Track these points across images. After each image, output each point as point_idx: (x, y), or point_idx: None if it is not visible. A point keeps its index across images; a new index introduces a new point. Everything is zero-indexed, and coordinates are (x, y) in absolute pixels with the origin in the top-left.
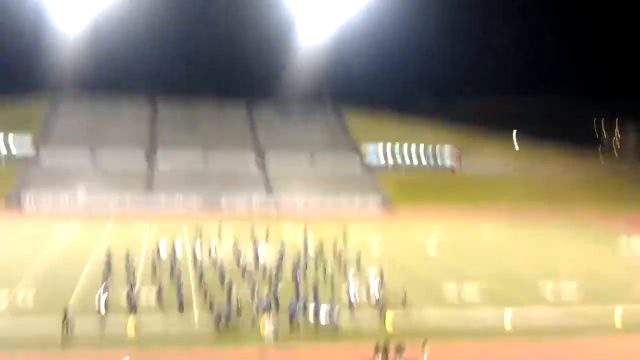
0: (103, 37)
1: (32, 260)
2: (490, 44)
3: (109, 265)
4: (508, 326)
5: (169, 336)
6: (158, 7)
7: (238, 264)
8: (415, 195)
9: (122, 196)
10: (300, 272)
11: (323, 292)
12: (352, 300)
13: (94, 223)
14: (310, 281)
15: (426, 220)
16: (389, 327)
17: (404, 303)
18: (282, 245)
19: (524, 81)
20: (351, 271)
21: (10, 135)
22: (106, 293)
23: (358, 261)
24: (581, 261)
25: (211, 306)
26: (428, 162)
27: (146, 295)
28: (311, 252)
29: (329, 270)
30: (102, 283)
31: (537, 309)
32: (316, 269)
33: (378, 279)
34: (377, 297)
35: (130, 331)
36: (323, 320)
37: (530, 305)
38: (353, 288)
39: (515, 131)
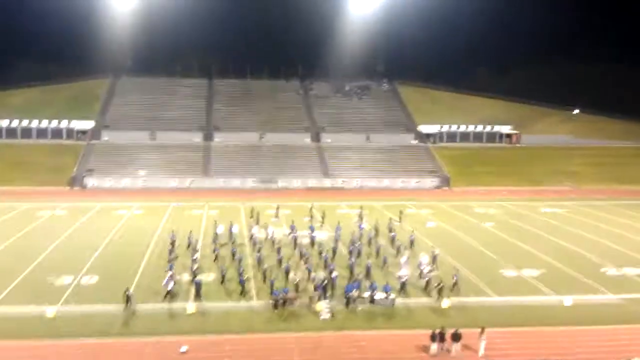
0: (158, 16)
1: (95, 244)
2: (544, 13)
3: (172, 248)
4: (568, 312)
5: (229, 318)
6: None
7: (295, 246)
8: (473, 172)
9: (181, 176)
10: (355, 254)
11: (378, 275)
12: (405, 283)
13: (153, 204)
14: (365, 263)
15: (484, 199)
16: (445, 312)
17: (454, 287)
18: (338, 226)
19: (581, 50)
20: (405, 255)
21: (73, 116)
22: (172, 279)
23: (412, 243)
24: None
25: (270, 288)
26: (486, 137)
27: (206, 278)
28: (367, 233)
29: (383, 253)
30: (169, 269)
31: (598, 296)
32: (371, 251)
33: (429, 264)
34: (429, 280)
35: (191, 314)
36: (379, 303)
37: (592, 291)
38: (406, 271)
39: (576, 110)
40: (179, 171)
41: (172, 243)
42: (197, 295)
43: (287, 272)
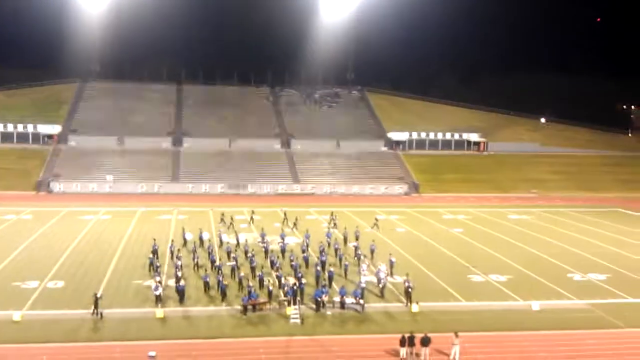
0: (127, 21)
1: (61, 249)
2: (513, 22)
3: (155, 257)
4: (536, 317)
5: (198, 323)
6: None
7: (265, 254)
8: (441, 179)
9: (149, 181)
10: (325, 260)
11: (346, 281)
12: (381, 286)
13: (121, 209)
14: (335, 269)
15: (452, 205)
16: (414, 317)
17: (406, 293)
18: (307, 232)
19: (548, 60)
20: (365, 263)
21: (39, 120)
22: (160, 284)
23: (372, 253)
24: (610, 249)
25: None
26: (453, 144)
27: (168, 283)
28: (336, 239)
29: (351, 260)
30: (155, 273)
31: (564, 300)
32: (340, 257)
33: (386, 271)
34: (383, 287)
35: (157, 322)
36: (350, 307)
37: (558, 296)
38: (365, 277)
39: (543, 119)
40: (147, 176)
41: (154, 252)
42: (181, 301)
43: (261, 280)
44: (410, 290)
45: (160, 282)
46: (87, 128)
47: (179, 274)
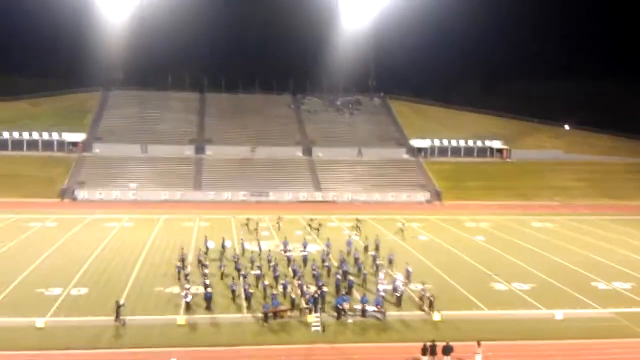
0: (151, 29)
1: (84, 256)
2: (536, 28)
3: (183, 265)
4: (559, 326)
5: (216, 333)
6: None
7: (288, 263)
8: (464, 187)
9: (171, 188)
10: (347, 269)
11: (364, 290)
12: (398, 295)
13: (144, 217)
14: (354, 278)
15: (474, 213)
16: (436, 326)
17: (422, 302)
18: (328, 240)
19: (571, 66)
20: (383, 272)
21: (63, 129)
22: (190, 292)
23: (390, 262)
24: (633, 257)
25: (257, 303)
26: (476, 151)
27: (196, 291)
28: (356, 248)
29: (369, 269)
30: (182, 283)
31: (589, 310)
32: (359, 266)
33: (403, 280)
34: (401, 295)
35: (179, 329)
36: (369, 317)
37: (582, 305)
38: (383, 286)
39: (566, 126)
40: (169, 184)
41: (182, 260)
42: (208, 308)
43: (284, 289)
44: (431, 299)
45: (189, 289)
46: (111, 136)
47: (207, 282)
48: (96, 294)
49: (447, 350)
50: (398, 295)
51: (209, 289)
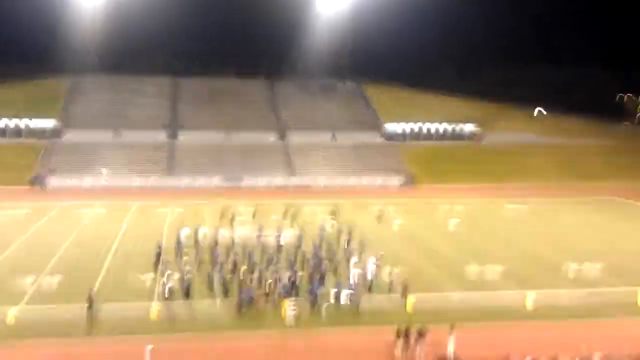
0: (123, 14)
1: (56, 244)
2: (509, 12)
3: (160, 252)
4: (531, 308)
5: (191, 321)
6: None
7: (261, 248)
8: (438, 170)
9: (144, 176)
10: (321, 256)
11: (337, 276)
12: (369, 280)
13: (116, 203)
14: (329, 264)
15: (448, 196)
16: (409, 310)
17: (390, 287)
18: (302, 227)
19: (544, 51)
20: (355, 256)
21: (34, 115)
22: (169, 279)
23: (364, 246)
24: (606, 239)
25: (234, 291)
26: (450, 135)
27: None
28: (330, 234)
29: (342, 255)
30: (162, 270)
31: (560, 290)
32: (332, 252)
33: (375, 262)
34: (372, 280)
35: (154, 317)
36: (343, 302)
37: (554, 286)
38: (355, 271)
39: (538, 109)
40: (142, 170)
41: (160, 247)
42: (186, 295)
43: (260, 276)
44: (405, 282)
45: (170, 275)
46: (82, 122)
47: (186, 268)
48: (69, 282)
49: (421, 333)
50: (370, 279)
51: (187, 276)
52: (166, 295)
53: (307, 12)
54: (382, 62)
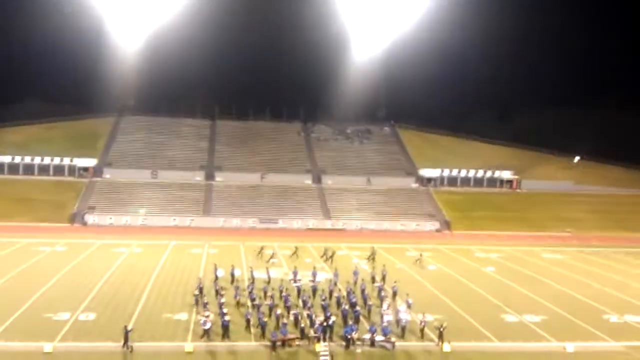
0: (163, 57)
1: (93, 281)
2: (547, 57)
3: (201, 294)
4: (570, 358)
5: (227, 358)
6: (215, 27)
7: (298, 291)
8: (473, 216)
9: (181, 215)
10: (354, 301)
11: (369, 321)
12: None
13: (153, 242)
14: (359, 309)
15: (484, 243)
16: (445, 357)
17: (421, 333)
18: (336, 270)
19: (582, 96)
20: (386, 303)
21: (75, 154)
22: (208, 319)
23: (395, 294)
24: None
25: (267, 330)
26: (486, 182)
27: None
28: (362, 278)
29: (375, 300)
30: (203, 308)
31: (600, 341)
32: (365, 297)
33: (406, 309)
34: (404, 327)
35: (188, 356)
36: (378, 346)
37: (594, 338)
38: (387, 317)
39: (577, 157)
40: (179, 210)
41: (200, 289)
42: (225, 336)
43: (296, 319)
44: (441, 329)
45: (208, 317)
46: (122, 161)
47: (224, 310)
48: (104, 319)
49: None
50: (401, 326)
51: (226, 317)
52: (203, 335)
53: (343, 57)
54: (417, 108)
